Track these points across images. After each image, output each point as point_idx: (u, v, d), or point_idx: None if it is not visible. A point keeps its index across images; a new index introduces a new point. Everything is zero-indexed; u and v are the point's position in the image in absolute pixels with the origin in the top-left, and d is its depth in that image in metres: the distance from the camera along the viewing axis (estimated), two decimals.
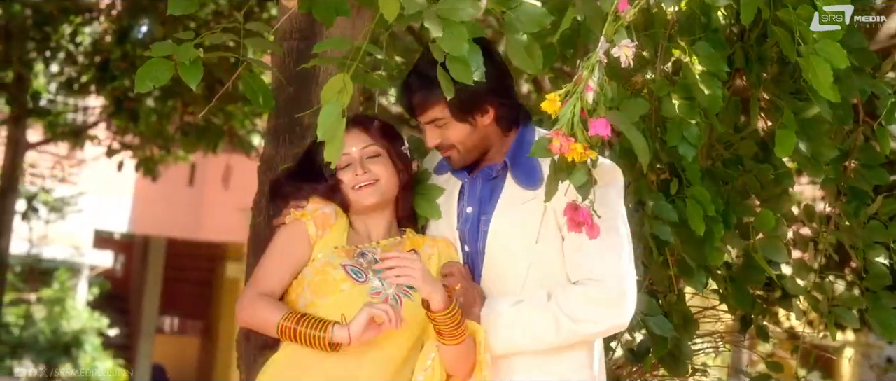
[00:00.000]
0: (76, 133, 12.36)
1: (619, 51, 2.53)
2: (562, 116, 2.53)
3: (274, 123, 3.87)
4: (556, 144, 2.51)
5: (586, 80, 2.53)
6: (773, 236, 3.57)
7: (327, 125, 2.62)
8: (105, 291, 17.71)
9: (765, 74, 3.45)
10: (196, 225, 18.16)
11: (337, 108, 2.62)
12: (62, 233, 16.67)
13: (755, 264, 3.59)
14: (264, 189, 3.83)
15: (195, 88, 2.89)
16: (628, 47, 2.53)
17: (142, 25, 10.17)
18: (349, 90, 2.63)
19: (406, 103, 2.92)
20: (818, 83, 2.79)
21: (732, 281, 3.64)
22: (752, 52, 3.38)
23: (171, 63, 2.78)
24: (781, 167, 3.65)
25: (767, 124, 3.61)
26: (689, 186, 3.29)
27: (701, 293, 3.79)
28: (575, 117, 2.52)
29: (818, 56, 2.79)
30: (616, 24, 2.55)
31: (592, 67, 2.53)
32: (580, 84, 2.54)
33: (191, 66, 2.80)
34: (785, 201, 3.68)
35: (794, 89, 3.39)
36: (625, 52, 2.53)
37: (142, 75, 2.81)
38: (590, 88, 2.52)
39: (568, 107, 2.53)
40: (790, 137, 3.14)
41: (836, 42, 2.78)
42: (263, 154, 3.89)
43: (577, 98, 2.52)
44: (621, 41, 2.54)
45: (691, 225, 3.26)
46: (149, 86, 2.81)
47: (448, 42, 2.63)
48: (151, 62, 2.79)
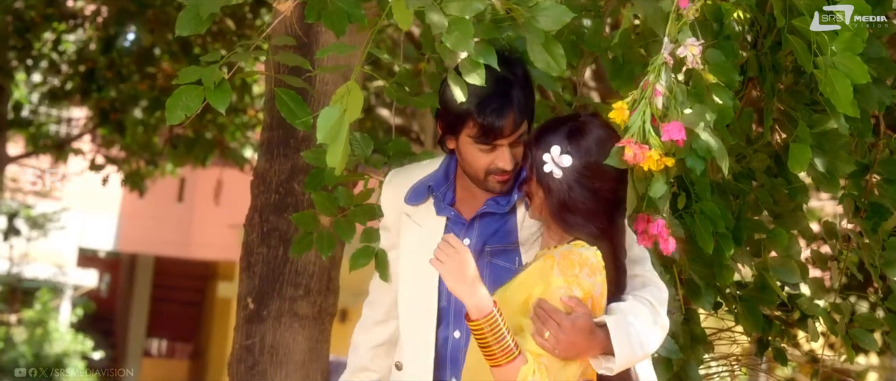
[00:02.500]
0: (59, 146, 12.39)
1: (684, 50, 2.54)
2: (631, 124, 2.53)
3: (267, 135, 3.89)
4: (630, 154, 2.51)
5: (654, 83, 2.53)
6: (786, 255, 3.58)
7: (327, 128, 2.60)
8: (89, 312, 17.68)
9: (779, 84, 3.46)
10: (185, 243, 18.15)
11: (336, 111, 2.61)
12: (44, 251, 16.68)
13: (768, 284, 3.59)
14: (257, 204, 3.86)
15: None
16: (695, 46, 2.53)
17: (128, 33, 10.20)
18: (355, 94, 2.61)
19: (497, 120, 2.75)
20: (836, 98, 2.78)
21: (743, 302, 3.65)
22: (765, 61, 3.39)
23: (201, 89, 2.75)
24: (796, 182, 3.65)
25: (781, 137, 3.62)
26: (698, 201, 3.30)
27: (716, 314, 3.81)
28: (646, 124, 2.52)
29: (837, 70, 2.78)
30: (679, 23, 2.56)
31: (658, 69, 2.54)
32: (647, 89, 2.54)
33: (218, 89, 2.78)
34: (799, 217, 3.68)
35: (809, 100, 3.40)
36: (691, 51, 2.53)
37: (172, 106, 2.76)
38: (658, 93, 2.53)
39: (637, 114, 2.53)
40: (805, 150, 3.14)
41: (856, 55, 2.77)
42: (256, 168, 3.91)
43: (646, 104, 2.53)
44: (687, 40, 2.54)
45: (699, 242, 3.26)
46: (180, 117, 2.76)
47: (453, 39, 2.60)
48: (181, 90, 2.76)
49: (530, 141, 2.73)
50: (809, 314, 3.83)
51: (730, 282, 3.53)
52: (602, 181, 2.63)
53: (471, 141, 2.77)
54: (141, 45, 10.01)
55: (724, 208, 3.30)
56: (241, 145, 11.51)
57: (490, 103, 2.73)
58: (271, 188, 3.84)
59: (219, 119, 10.39)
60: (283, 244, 3.79)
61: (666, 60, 2.55)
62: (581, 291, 2.57)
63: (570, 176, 2.64)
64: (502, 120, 2.73)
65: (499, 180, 2.82)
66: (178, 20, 2.90)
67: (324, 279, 3.86)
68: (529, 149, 2.72)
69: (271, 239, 3.80)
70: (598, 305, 2.60)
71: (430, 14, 2.60)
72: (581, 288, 2.58)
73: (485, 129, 2.74)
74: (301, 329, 3.82)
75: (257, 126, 10.73)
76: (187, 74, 2.80)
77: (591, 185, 2.64)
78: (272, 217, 3.81)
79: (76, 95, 10.76)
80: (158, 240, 18.19)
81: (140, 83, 10.24)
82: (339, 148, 2.62)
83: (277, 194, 3.82)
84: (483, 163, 2.79)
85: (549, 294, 2.57)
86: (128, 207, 18.04)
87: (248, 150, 11.48)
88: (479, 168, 2.81)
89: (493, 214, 2.86)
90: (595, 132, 2.66)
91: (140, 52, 10.09)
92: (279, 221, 3.80)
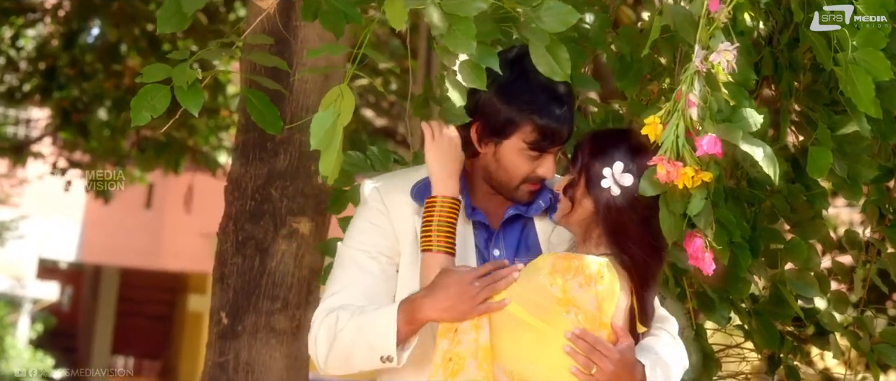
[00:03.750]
0: (18, 149, 12.35)
1: (718, 56, 2.53)
2: (664, 140, 2.53)
3: (243, 138, 3.88)
4: (663, 172, 2.52)
5: (686, 94, 2.53)
6: (804, 266, 3.57)
7: (320, 134, 2.60)
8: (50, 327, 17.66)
9: (796, 83, 3.46)
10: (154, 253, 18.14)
11: (331, 115, 2.61)
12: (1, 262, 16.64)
13: (783, 298, 3.59)
14: (231, 212, 3.84)
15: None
16: (729, 51, 2.53)
17: (92, 28, 10.17)
18: (348, 98, 2.61)
19: (560, 126, 2.80)
20: (857, 97, 2.78)
21: (758, 316, 3.64)
22: (782, 59, 3.40)
23: (168, 88, 2.75)
24: (815, 188, 3.65)
25: (799, 140, 3.62)
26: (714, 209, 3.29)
27: (723, 329, 3.80)
28: (680, 139, 2.52)
29: (858, 67, 2.78)
30: (710, 28, 2.56)
31: (691, 78, 2.54)
32: (680, 100, 2.54)
33: (190, 89, 2.77)
34: (819, 226, 3.68)
35: (829, 100, 3.41)
36: (725, 57, 2.53)
37: (137, 106, 2.76)
38: (692, 103, 2.53)
39: (670, 128, 2.53)
40: (825, 154, 3.14)
41: (878, 51, 2.76)
42: (231, 173, 3.90)
43: (679, 116, 2.52)
44: (720, 45, 2.54)
45: None
46: (146, 118, 2.77)
47: (453, 40, 2.60)
48: (147, 89, 2.75)
49: (584, 147, 2.76)
50: (829, 330, 3.83)
51: (745, 296, 3.53)
52: (653, 210, 2.65)
53: (523, 147, 2.81)
54: (106, 40, 9.98)
55: (739, 217, 3.30)
56: (214, 149, 11.49)
57: (552, 108, 2.78)
58: (247, 194, 3.82)
59: (190, 121, 10.37)
60: (259, 254, 3.78)
61: (698, 69, 2.55)
62: (560, 291, 2.58)
63: (627, 197, 2.66)
64: (564, 126, 2.79)
65: (531, 190, 2.87)
66: (158, 17, 2.89)
67: (303, 292, 3.85)
68: (582, 156, 2.75)
69: (246, 249, 3.79)
70: (589, 318, 2.60)
71: (430, 13, 2.60)
72: (564, 294, 2.58)
73: (545, 134, 2.78)
74: (279, 346, 3.81)
75: (231, 128, 10.72)
76: (153, 72, 2.80)
77: (644, 212, 2.66)
78: (247, 225, 3.79)
79: (36, 94, 10.72)
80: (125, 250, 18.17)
81: (105, 82, 10.20)
82: (333, 155, 2.62)
83: (253, 200, 3.81)
84: (524, 170, 2.84)
85: (529, 289, 2.61)
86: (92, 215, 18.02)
87: (222, 153, 11.45)
88: (518, 175, 2.85)
89: (516, 220, 2.91)
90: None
91: (105, 48, 10.06)
92: (255, 229, 3.79)
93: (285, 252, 3.77)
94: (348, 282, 2.87)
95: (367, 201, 2.94)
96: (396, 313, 2.69)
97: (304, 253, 3.80)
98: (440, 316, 2.65)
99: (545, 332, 2.59)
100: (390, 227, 2.90)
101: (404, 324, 2.69)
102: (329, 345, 2.79)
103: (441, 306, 2.64)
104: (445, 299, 2.63)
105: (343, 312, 2.79)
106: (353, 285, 2.86)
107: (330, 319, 2.80)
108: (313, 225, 3.81)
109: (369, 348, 2.72)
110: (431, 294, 2.65)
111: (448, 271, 2.66)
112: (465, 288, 2.62)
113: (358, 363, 2.77)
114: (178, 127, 10.42)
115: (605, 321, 2.61)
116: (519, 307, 2.61)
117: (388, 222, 2.90)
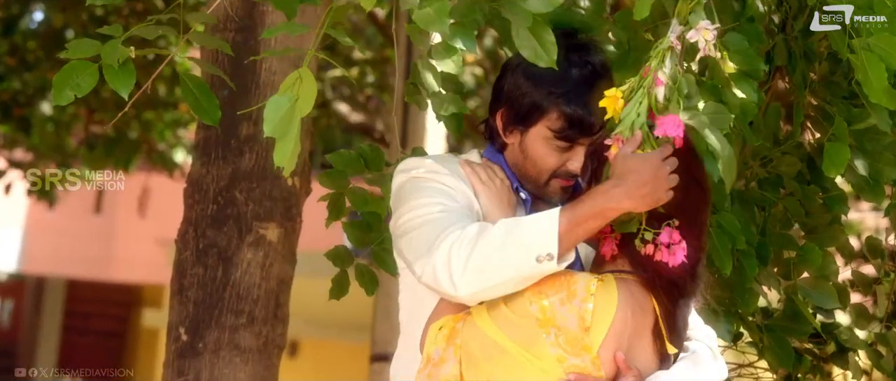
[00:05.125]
0: None
1: (696, 35, 2.54)
2: (624, 118, 2.54)
3: (203, 134, 3.88)
4: (616, 152, 2.54)
5: (655, 70, 2.54)
6: (821, 275, 3.58)
7: (275, 120, 2.58)
8: None
9: (812, 73, 3.47)
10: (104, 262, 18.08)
11: (287, 100, 2.59)
12: None
13: (799, 312, 3.60)
14: (191, 216, 3.84)
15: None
16: (709, 30, 2.54)
17: (35, 12, 10.15)
18: (309, 82, 2.61)
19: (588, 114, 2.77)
20: (870, 87, 2.80)
21: (771, 332, 3.65)
22: (796, 47, 3.40)
23: (96, 67, 2.74)
24: (833, 189, 3.66)
25: (815, 136, 3.63)
26: (715, 213, 3.31)
27: (734, 347, 3.81)
28: (640, 117, 2.53)
29: (871, 54, 2.80)
30: (691, 2, 2.57)
31: (663, 55, 2.55)
32: (647, 76, 2.54)
33: (121, 69, 2.76)
34: (837, 232, 3.69)
35: (848, 93, 3.41)
36: (704, 36, 2.54)
37: (59, 84, 2.76)
38: (660, 82, 2.53)
39: (632, 105, 2.54)
40: (841, 150, 3.15)
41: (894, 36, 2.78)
42: (190, 173, 3.90)
43: (644, 94, 2.54)
44: (700, 23, 2.55)
45: (716, 261, 3.26)
46: (69, 97, 2.78)
47: (425, 16, 2.60)
48: (71, 66, 2.75)
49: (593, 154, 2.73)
50: (849, 347, 3.83)
51: (754, 309, 3.53)
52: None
53: (549, 135, 2.81)
54: (50, 26, 9.96)
55: (746, 221, 3.30)
56: (172, 146, 11.47)
57: (580, 93, 2.77)
58: (208, 197, 3.82)
59: (144, 114, 10.35)
60: (223, 263, 3.77)
61: (672, 45, 2.55)
62: (539, 310, 2.57)
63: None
64: (593, 114, 2.75)
65: (563, 186, 2.86)
66: None
67: (270, 305, 3.85)
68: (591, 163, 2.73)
69: (208, 258, 3.79)
70: (571, 340, 2.58)
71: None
72: (544, 313, 2.57)
73: (572, 122, 2.78)
74: (243, 365, 3.81)
75: (191, 124, 10.70)
76: (79, 48, 2.79)
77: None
78: (209, 232, 3.79)
79: None
80: (71, 259, 18.10)
81: (49, 72, 10.16)
82: (290, 145, 2.61)
83: (216, 204, 3.81)
84: (552, 163, 2.84)
85: (511, 308, 2.61)
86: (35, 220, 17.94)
87: (180, 152, 11.44)
88: (546, 169, 2.85)
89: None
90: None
91: (48, 34, 10.03)
92: (218, 236, 3.79)
93: (251, 261, 3.77)
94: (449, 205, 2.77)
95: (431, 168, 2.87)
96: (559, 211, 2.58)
97: (273, 262, 3.81)
98: (635, 205, 2.55)
99: (521, 358, 2.59)
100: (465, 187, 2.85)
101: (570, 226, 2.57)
102: (467, 255, 2.60)
103: (639, 193, 2.54)
104: (641, 184, 2.53)
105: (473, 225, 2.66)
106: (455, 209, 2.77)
107: (456, 230, 2.65)
108: (282, 231, 3.81)
109: (522, 247, 2.57)
110: (622, 183, 2.55)
111: (629, 157, 2.56)
112: (660, 169, 2.54)
113: (500, 270, 2.59)
114: (131, 121, 10.41)
115: (589, 343, 2.58)
116: (496, 330, 2.61)
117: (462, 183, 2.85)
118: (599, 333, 2.58)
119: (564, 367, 2.56)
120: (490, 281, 2.59)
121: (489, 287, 2.60)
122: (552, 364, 2.57)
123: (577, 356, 2.57)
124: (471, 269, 2.59)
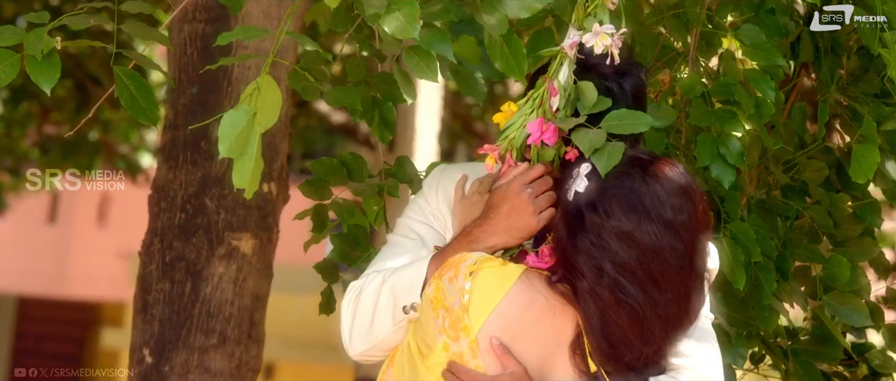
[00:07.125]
0: None
1: (593, 39, 2.55)
2: (507, 127, 2.60)
3: (170, 136, 3.89)
4: (491, 164, 2.61)
5: (550, 78, 2.57)
6: (850, 291, 3.58)
7: (231, 138, 2.55)
8: None
9: (840, 70, 3.48)
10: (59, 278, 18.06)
11: (244, 114, 2.54)
12: None
13: (828, 333, 3.59)
14: (157, 226, 3.86)
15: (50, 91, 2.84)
16: (605, 34, 2.54)
17: None
18: (269, 92, 2.57)
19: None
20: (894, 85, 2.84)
21: (796, 355, 3.65)
22: (822, 41, 3.41)
23: (18, 57, 2.74)
24: (865, 197, 3.66)
25: (844, 139, 3.63)
26: (729, 222, 3.33)
27: (755, 370, 3.82)
28: (521, 131, 2.58)
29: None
30: (590, 5, 2.57)
31: (559, 62, 2.58)
32: (541, 87, 2.58)
33: (45, 61, 2.75)
34: (869, 245, 3.68)
35: (879, 91, 3.42)
36: (601, 40, 2.54)
37: None
38: (554, 91, 2.56)
39: (517, 115, 2.59)
40: (872, 154, 3.15)
41: None
42: (155, 179, 3.91)
43: (534, 104, 2.58)
44: (595, 26, 2.55)
45: (728, 275, 3.27)
46: None
47: (392, 22, 2.58)
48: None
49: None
50: (882, 373, 3.84)
51: (775, 328, 3.53)
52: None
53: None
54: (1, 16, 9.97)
55: (764, 232, 3.29)
56: (135, 149, 11.47)
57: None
58: (176, 205, 3.83)
59: (104, 114, 10.34)
60: (191, 278, 3.78)
61: (565, 50, 2.58)
62: (433, 290, 2.61)
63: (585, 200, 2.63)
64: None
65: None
66: None
67: (244, 325, 3.86)
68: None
69: (176, 272, 3.80)
70: (454, 320, 2.60)
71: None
72: (436, 293, 2.61)
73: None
74: None
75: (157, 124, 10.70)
76: (3, 36, 2.77)
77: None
78: (177, 243, 3.80)
79: None
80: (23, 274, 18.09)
81: None
82: (249, 164, 2.56)
83: (184, 212, 3.82)
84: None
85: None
86: None
87: (145, 155, 11.44)
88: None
89: None
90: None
91: None
92: (186, 248, 3.80)
93: (223, 276, 3.78)
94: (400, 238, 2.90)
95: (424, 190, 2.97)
96: (429, 260, 2.69)
97: (246, 277, 3.82)
98: (504, 241, 2.64)
99: (415, 353, 2.65)
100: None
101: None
102: (353, 314, 2.77)
103: (501, 228, 2.63)
104: (502, 218, 2.63)
105: (371, 277, 2.79)
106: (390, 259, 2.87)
107: (362, 280, 2.80)
108: (257, 243, 3.82)
109: (392, 297, 2.70)
110: (484, 221, 2.65)
111: (495, 189, 2.65)
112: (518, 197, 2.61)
113: (379, 325, 2.73)
114: (91, 122, 10.40)
115: (469, 324, 2.58)
116: (412, 332, 2.69)
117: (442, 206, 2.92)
118: (479, 315, 2.59)
119: (448, 354, 2.60)
120: (375, 338, 2.75)
121: (377, 344, 2.76)
122: (441, 356, 2.61)
123: (456, 340, 2.59)
124: (357, 328, 2.76)
